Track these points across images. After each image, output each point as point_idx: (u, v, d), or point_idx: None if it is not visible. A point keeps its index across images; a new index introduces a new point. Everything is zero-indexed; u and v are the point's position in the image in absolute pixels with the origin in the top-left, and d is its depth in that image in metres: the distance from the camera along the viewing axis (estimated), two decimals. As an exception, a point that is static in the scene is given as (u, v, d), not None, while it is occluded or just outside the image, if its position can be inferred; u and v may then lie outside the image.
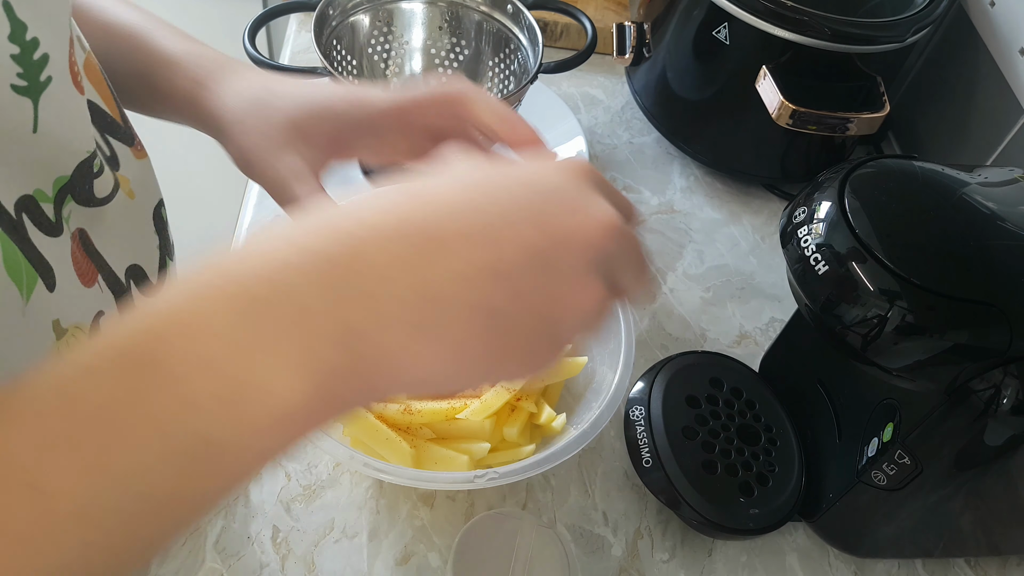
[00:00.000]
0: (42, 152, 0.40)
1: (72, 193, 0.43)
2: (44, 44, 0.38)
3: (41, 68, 0.38)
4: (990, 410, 0.48)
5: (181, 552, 0.58)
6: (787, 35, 0.75)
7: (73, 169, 0.42)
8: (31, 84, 0.38)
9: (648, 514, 0.65)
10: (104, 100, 0.48)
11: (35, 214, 0.40)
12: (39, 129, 0.39)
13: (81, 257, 0.44)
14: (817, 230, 0.51)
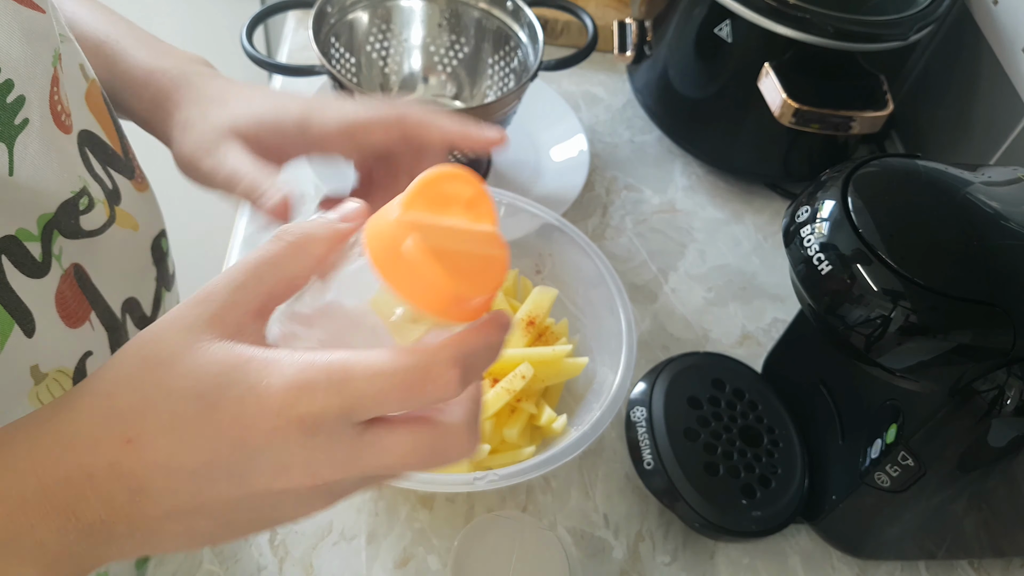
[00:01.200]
0: (20, 194, 0.38)
1: (58, 228, 0.42)
2: (19, 86, 0.37)
3: (16, 111, 0.37)
4: (994, 411, 0.48)
5: (178, 555, 0.58)
6: (790, 33, 0.75)
7: (56, 208, 0.41)
8: (4, 128, 0.36)
9: (649, 516, 0.64)
10: (105, 131, 0.47)
11: (17, 255, 0.39)
12: (15, 173, 0.37)
13: (71, 296, 0.43)
14: (820, 229, 0.51)
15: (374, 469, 0.30)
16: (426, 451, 0.30)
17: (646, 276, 0.81)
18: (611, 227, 0.85)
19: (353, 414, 0.29)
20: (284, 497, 0.30)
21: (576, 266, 0.69)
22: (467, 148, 0.49)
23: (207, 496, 0.29)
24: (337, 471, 0.29)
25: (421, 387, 0.29)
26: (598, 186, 0.89)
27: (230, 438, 0.29)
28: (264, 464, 0.29)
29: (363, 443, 0.29)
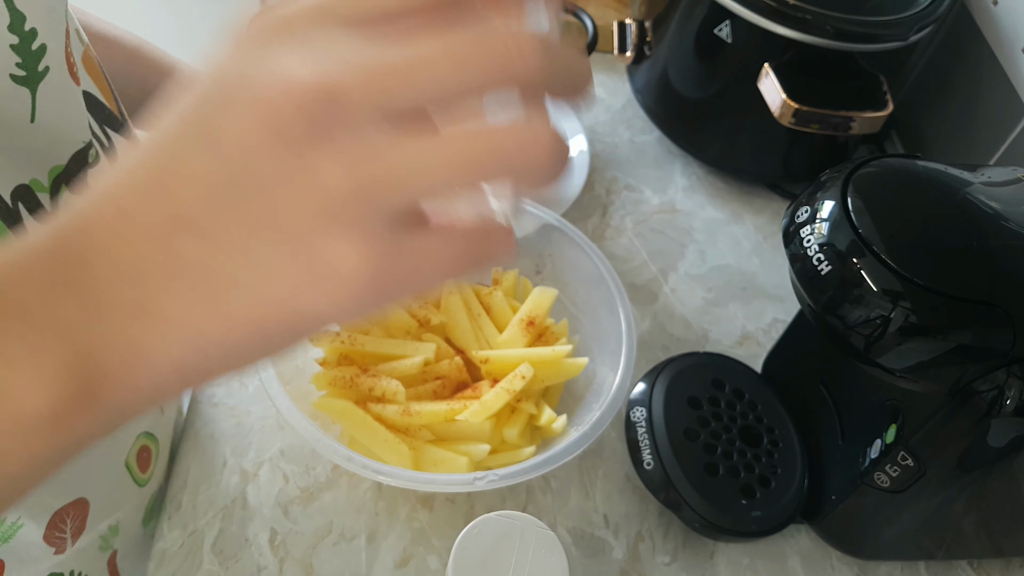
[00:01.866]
0: (39, 141, 0.40)
1: (67, 183, 0.43)
2: (42, 35, 0.39)
3: (39, 58, 0.39)
4: (993, 411, 0.48)
5: (178, 554, 0.58)
6: (789, 33, 0.75)
7: (68, 159, 0.43)
8: (29, 74, 0.38)
9: (649, 516, 0.64)
10: (102, 93, 0.49)
11: (31, 204, 0.40)
12: (36, 119, 0.39)
13: None
14: (820, 230, 0.51)
15: (411, 168, 0.23)
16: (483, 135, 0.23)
17: (646, 276, 0.81)
18: (611, 227, 0.85)
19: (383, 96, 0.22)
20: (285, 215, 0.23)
21: (576, 266, 0.69)
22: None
23: (175, 178, 0.24)
24: (349, 171, 0.23)
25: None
26: (598, 186, 0.89)
27: (193, 89, 0.24)
28: (221, 99, 0.23)
29: (393, 134, 0.23)
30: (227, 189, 0.23)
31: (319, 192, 0.23)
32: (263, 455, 0.63)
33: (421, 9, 0.24)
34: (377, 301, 0.24)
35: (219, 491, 0.61)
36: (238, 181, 0.23)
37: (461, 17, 0.24)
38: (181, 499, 0.60)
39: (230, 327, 0.25)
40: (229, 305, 0.24)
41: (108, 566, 0.56)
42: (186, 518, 0.59)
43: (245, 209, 0.23)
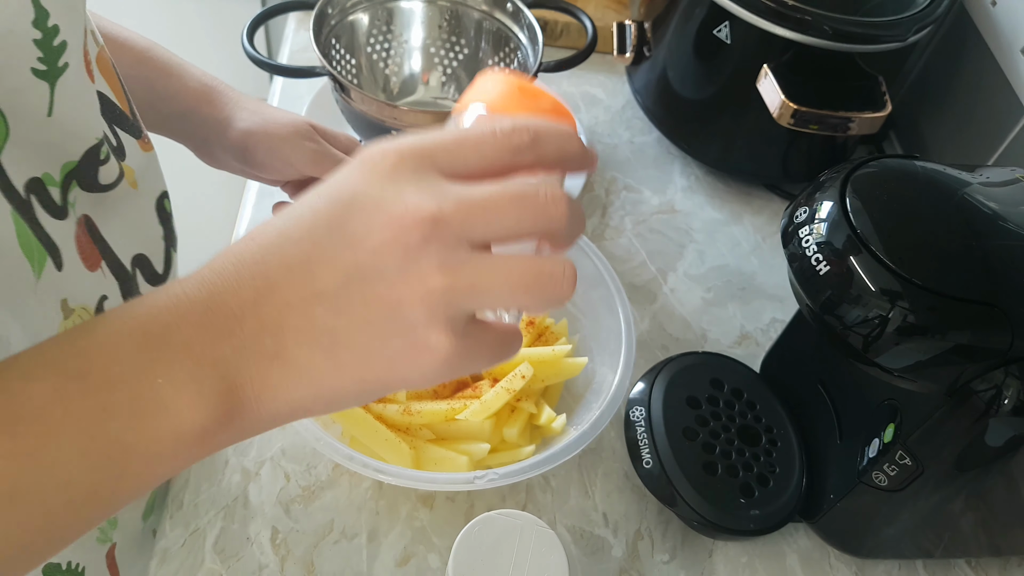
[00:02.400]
0: (54, 136, 0.41)
1: (77, 179, 0.44)
2: (63, 32, 0.40)
3: (59, 54, 0.40)
4: (991, 411, 0.48)
5: (180, 553, 0.58)
6: (788, 34, 0.75)
7: (81, 155, 0.44)
8: (50, 69, 0.39)
9: (648, 515, 0.64)
10: (114, 93, 0.50)
11: (42, 196, 0.41)
12: (53, 113, 0.40)
13: (86, 242, 0.46)
14: (818, 230, 0.51)
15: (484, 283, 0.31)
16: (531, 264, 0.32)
17: (645, 276, 0.81)
18: (610, 227, 0.85)
19: (470, 229, 0.31)
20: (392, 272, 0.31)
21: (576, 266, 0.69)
22: None
23: (317, 262, 0.31)
24: (446, 276, 0.31)
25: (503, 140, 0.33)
26: (597, 187, 0.89)
27: (326, 195, 0.32)
28: (364, 214, 0.31)
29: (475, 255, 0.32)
30: (358, 276, 0.31)
31: (423, 288, 0.31)
32: (264, 454, 0.64)
33: (491, 173, 0.33)
34: (450, 374, 0.33)
35: (221, 490, 0.61)
36: (367, 272, 0.31)
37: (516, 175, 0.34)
38: (183, 498, 0.60)
39: (341, 380, 0.32)
40: (345, 362, 0.32)
41: (107, 559, 0.56)
42: (188, 517, 0.60)
43: (370, 293, 0.31)
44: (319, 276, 0.31)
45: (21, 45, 0.38)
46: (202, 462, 0.62)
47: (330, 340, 0.31)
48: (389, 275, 0.31)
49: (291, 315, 0.31)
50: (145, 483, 0.32)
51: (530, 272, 0.32)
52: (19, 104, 0.38)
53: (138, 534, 0.59)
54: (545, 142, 0.34)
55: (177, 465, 0.32)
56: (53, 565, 0.51)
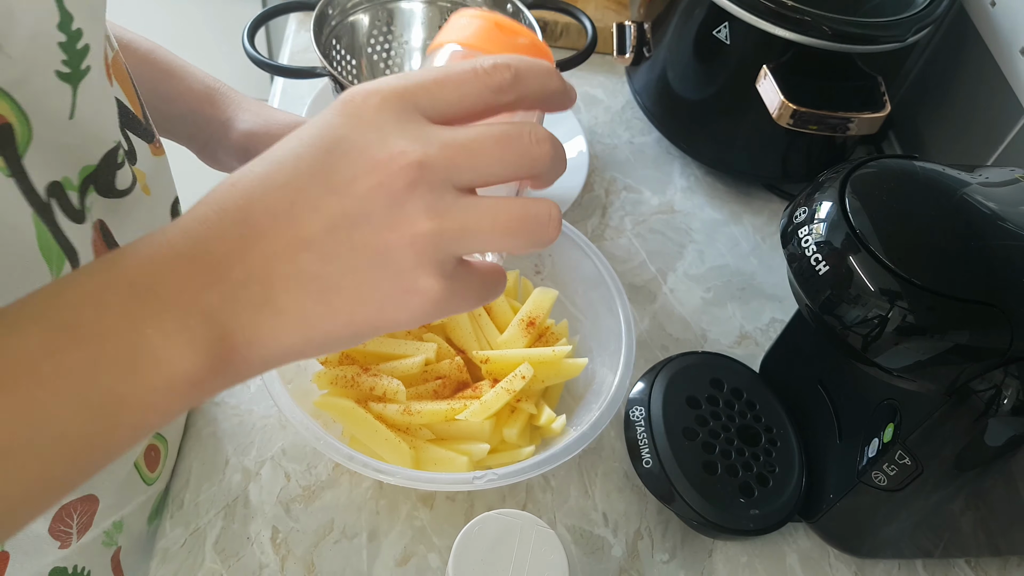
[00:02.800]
0: (74, 139, 0.41)
1: (95, 183, 0.45)
2: (86, 35, 0.40)
3: (83, 57, 0.40)
4: (990, 410, 0.48)
5: (180, 552, 0.58)
6: (788, 35, 0.75)
7: (100, 159, 0.44)
8: (73, 72, 0.40)
9: (648, 515, 0.64)
10: (128, 97, 0.50)
11: (62, 200, 0.42)
12: (75, 116, 0.41)
13: (102, 247, 0.46)
14: (818, 230, 0.51)
15: (472, 226, 0.32)
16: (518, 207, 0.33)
17: (645, 276, 0.82)
18: (610, 228, 0.85)
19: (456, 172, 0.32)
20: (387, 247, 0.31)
21: (576, 266, 0.69)
22: None
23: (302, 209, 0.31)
24: (434, 220, 0.31)
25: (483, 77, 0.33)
26: (597, 187, 0.89)
27: (309, 141, 0.32)
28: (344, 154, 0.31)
29: (461, 199, 0.32)
30: (344, 222, 0.31)
31: (411, 232, 0.31)
32: (265, 454, 0.64)
33: (474, 113, 0.34)
34: (439, 315, 0.33)
35: (221, 489, 0.61)
36: (354, 218, 0.31)
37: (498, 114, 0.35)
38: (183, 497, 0.61)
39: (332, 324, 0.32)
40: (335, 307, 0.32)
41: (112, 563, 0.56)
42: (188, 516, 0.60)
43: (358, 239, 0.31)
44: (305, 223, 0.31)
45: (47, 48, 0.38)
46: (202, 462, 0.62)
47: (319, 286, 0.32)
48: (376, 220, 0.31)
49: (278, 263, 0.31)
50: (140, 432, 0.32)
51: (517, 215, 0.32)
52: (43, 106, 0.39)
53: (143, 537, 0.60)
54: (526, 80, 0.34)
55: (171, 412, 0.32)
56: (59, 569, 0.51)
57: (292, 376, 0.61)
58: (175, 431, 0.63)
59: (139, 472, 0.56)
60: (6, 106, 0.36)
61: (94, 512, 0.51)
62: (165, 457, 0.60)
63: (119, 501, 0.54)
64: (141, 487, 0.57)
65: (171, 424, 0.61)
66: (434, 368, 0.64)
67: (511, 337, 0.66)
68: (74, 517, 0.50)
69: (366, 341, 0.37)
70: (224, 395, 0.67)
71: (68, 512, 0.49)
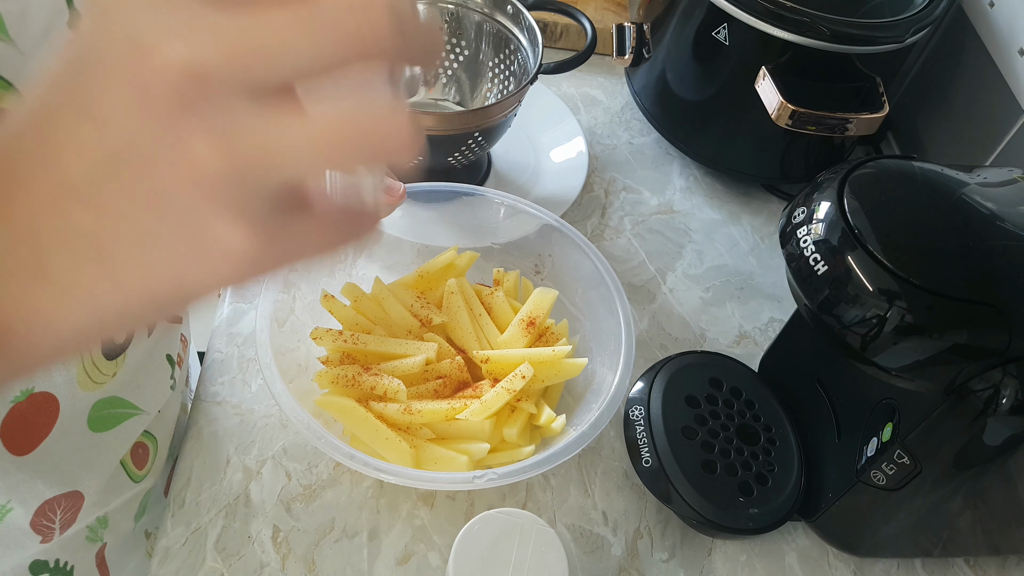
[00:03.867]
0: None
1: None
2: None
3: None
4: (989, 410, 0.48)
5: (181, 552, 0.58)
6: (786, 36, 0.75)
7: None
8: None
9: (648, 513, 0.65)
10: None
11: None
12: None
13: None
14: (816, 230, 0.51)
15: (277, 146, 0.23)
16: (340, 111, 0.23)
17: (644, 276, 0.82)
18: (610, 228, 0.86)
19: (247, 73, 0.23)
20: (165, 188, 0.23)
21: (575, 267, 0.69)
22: None
23: (60, 145, 0.24)
24: (219, 145, 0.23)
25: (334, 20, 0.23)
26: (597, 187, 0.89)
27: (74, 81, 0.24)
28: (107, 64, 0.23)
29: (257, 110, 0.23)
30: (110, 159, 0.23)
31: (193, 168, 0.23)
32: (266, 453, 0.64)
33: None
34: (256, 274, 0.25)
35: (222, 488, 0.62)
36: (118, 152, 0.23)
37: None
38: (184, 496, 0.61)
39: (123, 295, 0.25)
40: (120, 274, 0.25)
41: (96, 558, 0.56)
42: (189, 515, 0.60)
43: (128, 180, 0.23)
44: (66, 163, 0.24)
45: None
46: (203, 461, 0.63)
47: (95, 245, 0.24)
48: (145, 153, 0.23)
49: (44, 217, 0.24)
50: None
51: (340, 121, 0.23)
52: None
53: (130, 534, 0.59)
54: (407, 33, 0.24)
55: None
56: (40, 563, 0.51)
57: (293, 375, 0.61)
58: (166, 430, 0.62)
59: (125, 469, 0.56)
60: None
61: (78, 508, 0.51)
62: (154, 455, 0.60)
63: (104, 498, 0.54)
64: (128, 484, 0.57)
65: (160, 422, 0.61)
66: (435, 368, 0.64)
67: (511, 337, 0.66)
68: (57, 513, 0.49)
69: (177, 312, 0.27)
70: (225, 394, 0.67)
71: (51, 507, 0.49)
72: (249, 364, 0.69)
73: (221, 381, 0.68)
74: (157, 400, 0.57)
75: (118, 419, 0.52)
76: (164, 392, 0.58)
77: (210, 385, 0.67)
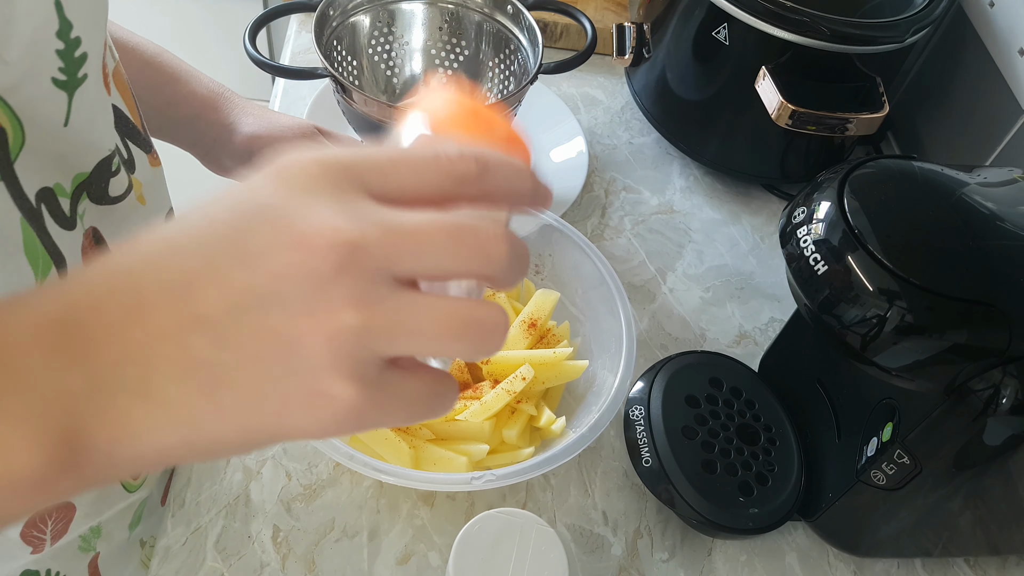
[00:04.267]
0: (68, 146, 0.42)
1: (88, 191, 0.45)
2: (85, 43, 0.40)
3: (80, 65, 0.40)
4: (989, 410, 0.48)
5: (182, 552, 0.58)
6: (786, 36, 0.75)
7: (93, 167, 0.44)
8: (69, 79, 0.40)
9: (648, 513, 0.65)
10: (128, 107, 0.50)
11: (52, 206, 0.42)
12: (69, 123, 0.41)
13: (93, 254, 0.46)
14: (816, 230, 0.51)
15: (405, 325, 0.27)
16: (464, 309, 0.28)
17: (644, 276, 0.82)
18: (610, 228, 0.86)
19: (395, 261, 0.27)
20: (298, 337, 0.26)
21: (576, 267, 0.69)
22: None
23: (203, 282, 0.26)
24: (361, 312, 0.26)
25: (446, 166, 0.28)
26: (597, 187, 0.89)
27: (230, 204, 0.27)
28: (263, 224, 0.26)
29: (397, 291, 0.27)
30: (250, 301, 0.26)
31: (330, 322, 0.26)
32: (266, 453, 0.64)
33: (428, 201, 0.29)
34: (357, 428, 0.28)
35: (222, 488, 0.62)
36: (265, 300, 0.26)
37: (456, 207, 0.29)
38: (185, 496, 0.61)
39: (220, 425, 0.27)
40: (226, 406, 0.26)
41: (89, 568, 0.56)
42: (189, 515, 0.60)
43: (264, 324, 0.26)
44: (202, 298, 0.26)
45: (43, 55, 0.38)
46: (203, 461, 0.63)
47: (209, 376, 0.26)
48: (290, 305, 0.26)
49: (164, 344, 0.26)
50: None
51: (460, 317, 0.27)
52: (37, 113, 0.39)
53: (124, 544, 0.59)
54: (494, 176, 0.29)
55: (8, 517, 0.27)
56: (31, 572, 0.51)
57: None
58: None
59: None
60: (0, 111, 0.37)
61: (70, 519, 0.51)
62: None
63: (97, 508, 0.54)
64: (121, 495, 0.57)
65: None
66: (434, 368, 0.64)
67: (512, 338, 0.66)
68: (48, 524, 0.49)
69: (263, 448, 0.30)
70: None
71: (42, 519, 0.48)
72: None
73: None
74: None
75: None
76: None
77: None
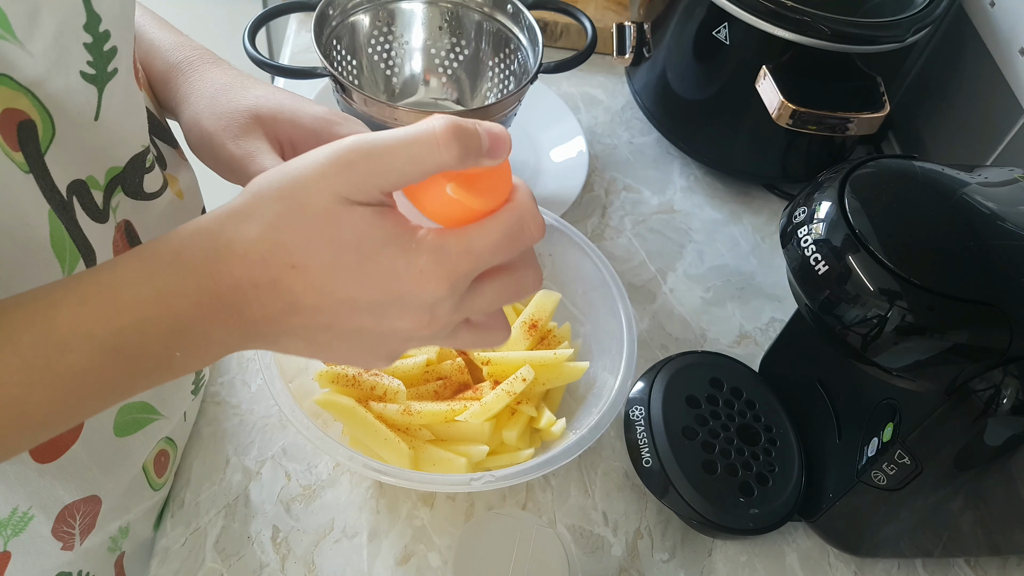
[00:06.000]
0: (100, 140, 0.42)
1: (123, 184, 0.45)
2: (114, 38, 0.40)
3: (109, 59, 0.40)
4: (990, 410, 0.48)
5: (181, 552, 0.58)
6: (787, 35, 0.75)
7: (127, 161, 0.44)
8: (99, 73, 0.40)
9: (648, 514, 0.65)
10: (152, 103, 0.50)
11: (84, 198, 0.42)
12: (100, 117, 0.41)
13: (123, 247, 0.46)
14: (817, 230, 0.51)
15: (475, 312, 0.39)
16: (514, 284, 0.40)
17: (645, 276, 0.82)
18: (610, 227, 0.85)
19: (476, 271, 0.38)
20: (399, 334, 0.38)
21: (576, 267, 0.69)
22: None
23: (343, 321, 0.37)
24: (453, 316, 0.38)
25: (520, 233, 0.38)
26: (597, 187, 0.89)
27: (380, 283, 0.36)
28: (400, 307, 0.37)
29: (473, 294, 0.38)
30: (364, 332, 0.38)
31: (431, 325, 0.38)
32: (265, 453, 0.64)
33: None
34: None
35: (222, 489, 0.61)
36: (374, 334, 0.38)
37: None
38: (184, 497, 0.61)
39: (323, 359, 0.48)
40: (319, 355, 0.40)
41: (115, 567, 0.56)
42: (189, 516, 0.60)
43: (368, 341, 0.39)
44: (341, 319, 0.37)
45: (71, 48, 0.38)
46: (203, 461, 0.63)
47: (317, 346, 0.39)
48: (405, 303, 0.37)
49: (294, 334, 0.38)
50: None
51: (514, 289, 0.40)
52: (66, 106, 0.39)
53: (148, 542, 0.60)
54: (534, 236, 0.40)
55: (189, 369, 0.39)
56: (64, 574, 0.51)
57: (293, 375, 0.61)
58: (184, 435, 0.63)
59: (147, 476, 0.56)
60: (28, 103, 0.37)
61: (97, 513, 0.51)
62: (174, 462, 0.60)
63: (123, 504, 0.54)
64: (147, 492, 0.57)
65: (183, 428, 0.62)
66: (435, 369, 0.64)
67: (513, 339, 0.66)
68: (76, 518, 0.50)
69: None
70: (225, 394, 0.67)
71: (71, 513, 0.49)
72: (249, 364, 0.69)
73: (221, 381, 0.68)
74: (179, 405, 0.58)
75: (140, 424, 0.53)
76: (186, 398, 0.59)
77: (210, 385, 0.67)
